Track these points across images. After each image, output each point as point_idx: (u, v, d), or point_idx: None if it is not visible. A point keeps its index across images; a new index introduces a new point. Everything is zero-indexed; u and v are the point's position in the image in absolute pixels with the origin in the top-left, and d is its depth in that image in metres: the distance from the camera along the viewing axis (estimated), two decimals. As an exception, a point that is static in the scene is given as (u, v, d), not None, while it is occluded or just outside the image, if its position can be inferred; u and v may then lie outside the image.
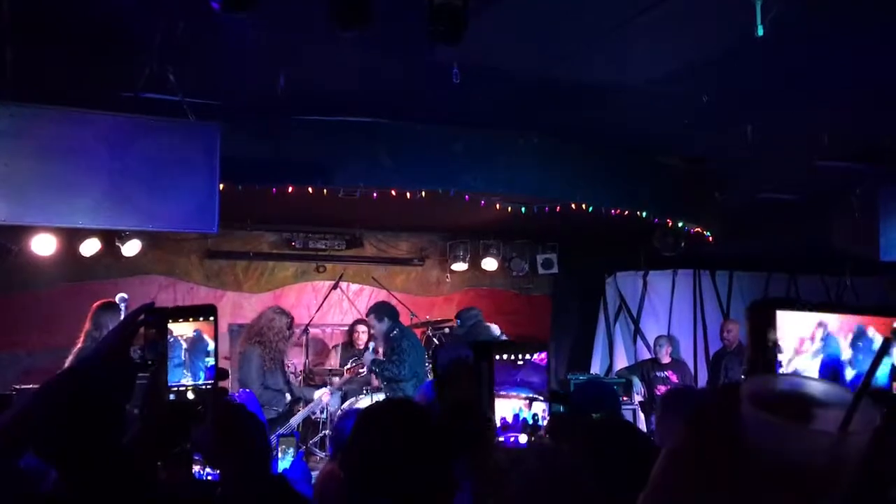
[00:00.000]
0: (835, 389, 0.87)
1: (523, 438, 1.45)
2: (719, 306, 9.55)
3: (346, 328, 8.40)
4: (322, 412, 7.44)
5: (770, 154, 6.79)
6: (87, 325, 5.20)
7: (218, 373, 1.51)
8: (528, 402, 1.44)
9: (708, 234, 8.17)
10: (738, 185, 7.61)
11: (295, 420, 6.62)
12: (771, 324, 1.01)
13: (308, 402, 6.98)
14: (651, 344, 8.84)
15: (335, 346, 8.57)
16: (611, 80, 5.52)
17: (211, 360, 1.54)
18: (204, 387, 1.50)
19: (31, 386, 6.42)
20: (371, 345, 7.30)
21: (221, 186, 5.28)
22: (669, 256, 8.66)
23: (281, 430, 6.07)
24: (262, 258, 8.71)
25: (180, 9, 4.26)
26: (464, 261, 9.34)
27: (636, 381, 8.20)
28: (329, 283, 8.72)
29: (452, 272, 9.44)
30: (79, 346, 5.15)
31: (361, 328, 7.98)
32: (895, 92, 5.45)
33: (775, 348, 1.00)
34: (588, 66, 5.30)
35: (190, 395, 1.52)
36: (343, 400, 7.64)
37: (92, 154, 4.46)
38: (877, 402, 0.90)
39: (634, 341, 9.46)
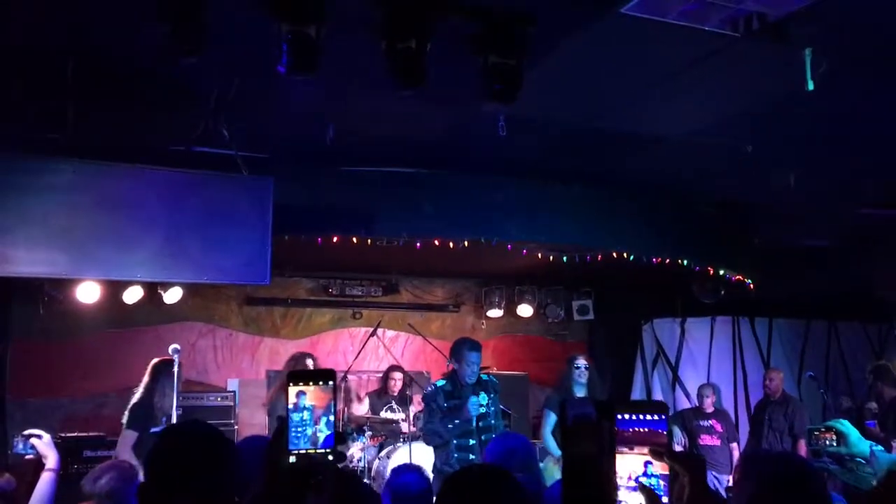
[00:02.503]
0: None
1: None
2: (759, 354, 9.41)
3: (381, 375, 8.38)
4: (359, 461, 7.41)
5: (811, 201, 6.77)
6: (145, 379, 5.27)
7: (337, 438, 1.52)
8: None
9: (749, 281, 8.10)
10: (779, 231, 7.56)
11: None
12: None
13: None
14: (689, 392, 8.72)
15: (367, 394, 8.54)
16: (654, 131, 5.56)
17: (329, 428, 1.55)
18: (323, 453, 1.52)
19: (74, 434, 6.47)
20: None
21: (270, 237, 5.35)
22: (708, 304, 8.60)
23: None
24: (300, 304, 8.77)
25: (236, 65, 4.37)
26: (499, 307, 9.33)
27: (676, 431, 8.07)
28: (365, 330, 8.75)
29: (488, 318, 9.43)
30: (135, 399, 5.22)
31: (398, 375, 7.97)
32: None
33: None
34: (631, 117, 5.34)
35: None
36: (380, 448, 7.60)
37: (149, 209, 4.56)
38: None
39: (673, 389, 9.33)
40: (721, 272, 7.61)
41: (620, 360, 9.57)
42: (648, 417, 1.44)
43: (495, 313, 9.35)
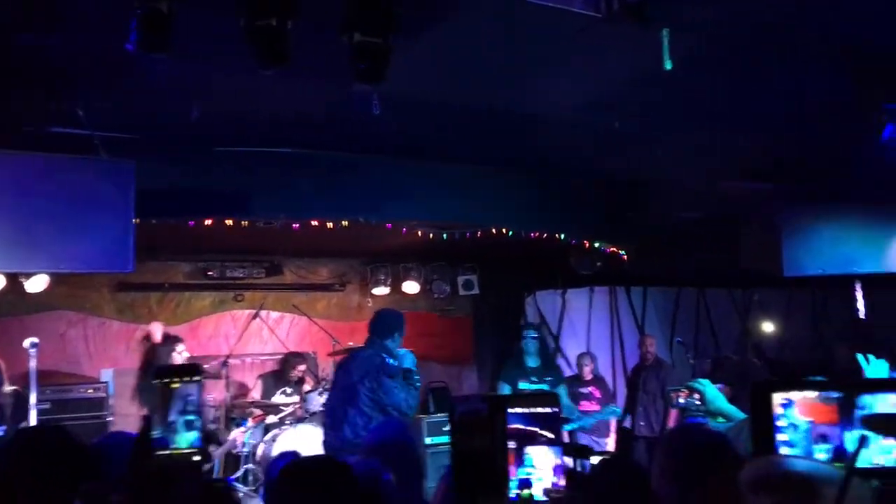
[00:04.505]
0: (827, 469, 0.93)
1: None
2: (635, 322, 9.83)
3: (279, 358, 8.23)
4: (243, 446, 7.28)
5: (680, 176, 7.07)
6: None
7: (205, 438, 1.47)
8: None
9: (623, 253, 8.42)
10: (651, 206, 7.87)
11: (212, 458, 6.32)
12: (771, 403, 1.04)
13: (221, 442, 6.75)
14: (571, 360, 9.01)
15: (261, 376, 8.37)
16: (528, 109, 5.64)
17: (195, 426, 1.50)
18: (189, 453, 1.46)
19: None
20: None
21: (136, 221, 5.12)
22: (587, 275, 8.88)
23: None
24: (178, 289, 8.46)
25: (90, 43, 4.13)
26: (385, 285, 9.32)
27: (564, 398, 8.33)
28: (248, 312, 8.57)
29: (374, 296, 9.39)
30: None
31: (302, 367, 7.95)
32: (794, 117, 5.77)
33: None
34: (506, 96, 5.40)
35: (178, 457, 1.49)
36: (265, 431, 7.49)
37: (-4, 195, 4.25)
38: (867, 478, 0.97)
39: (555, 358, 9.61)
40: (596, 245, 7.87)
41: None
42: (540, 410, 1.47)
43: (381, 291, 9.33)
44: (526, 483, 1.47)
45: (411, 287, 9.41)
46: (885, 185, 6.73)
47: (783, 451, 1.01)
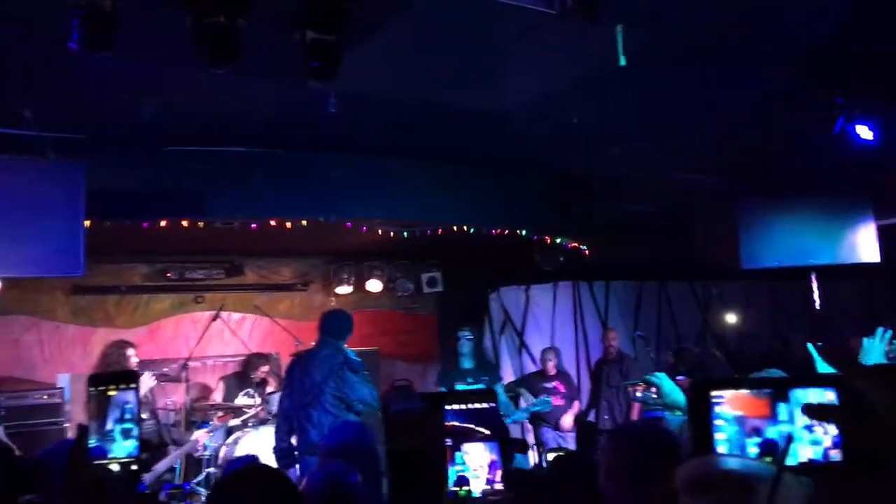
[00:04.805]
0: (762, 466, 0.92)
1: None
2: (598, 316, 9.90)
3: (242, 359, 8.12)
4: (205, 449, 7.16)
5: (638, 169, 7.13)
6: None
7: (142, 446, 1.43)
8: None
9: (584, 247, 8.47)
10: (611, 200, 7.93)
11: (162, 466, 6.17)
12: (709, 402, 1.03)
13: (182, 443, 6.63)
14: (535, 356, 9.04)
15: (223, 378, 8.27)
16: (486, 106, 5.64)
17: (132, 435, 1.46)
18: (127, 462, 1.42)
19: None
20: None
21: (88, 223, 5.02)
22: (550, 270, 8.91)
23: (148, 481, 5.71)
24: (135, 291, 8.31)
25: (35, 41, 4.02)
26: (348, 284, 9.25)
27: (526, 394, 8.36)
28: (209, 314, 8.44)
29: (337, 295, 9.32)
30: None
31: (265, 369, 7.82)
32: (749, 112, 5.85)
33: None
34: (464, 93, 5.38)
35: (115, 467, 1.45)
36: (228, 434, 7.39)
37: (-62, 198, 4.12)
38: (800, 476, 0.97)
39: (520, 354, 9.65)
40: (558, 240, 7.90)
41: (470, 329, 9.75)
42: (478, 406, 1.45)
43: (345, 290, 9.26)
44: (463, 480, 1.45)
45: (375, 286, 9.36)
46: (839, 179, 6.86)
47: (719, 449, 1.00)
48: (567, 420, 8.07)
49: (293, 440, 5.62)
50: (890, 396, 0.83)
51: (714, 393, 1.03)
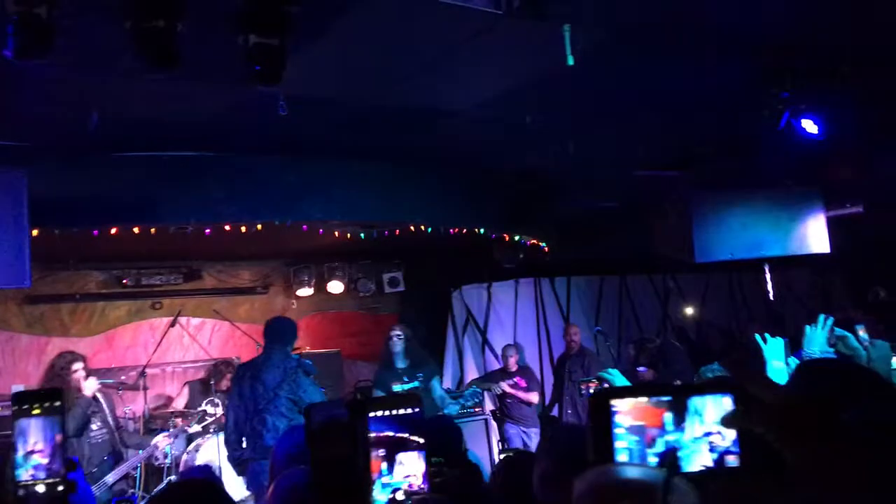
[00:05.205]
0: (659, 474, 0.94)
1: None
2: (560, 311, 9.97)
3: (209, 366, 8.03)
4: (165, 457, 7.07)
5: (594, 166, 7.18)
6: None
7: (67, 465, 1.40)
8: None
9: (543, 244, 8.51)
10: (567, 197, 7.97)
11: (117, 473, 6.07)
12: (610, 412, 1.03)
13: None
14: (499, 354, 9.08)
15: (188, 383, 8.18)
16: (440, 106, 5.64)
17: (56, 455, 1.42)
18: (52, 483, 1.39)
19: None
20: None
21: (35, 232, 4.92)
22: (511, 268, 8.95)
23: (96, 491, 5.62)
24: (91, 299, 8.17)
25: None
26: (309, 285, 9.21)
27: (494, 388, 8.39)
28: (167, 320, 8.35)
29: (298, 298, 9.28)
30: None
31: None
32: (699, 107, 5.92)
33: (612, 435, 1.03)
34: (416, 94, 5.38)
35: (41, 488, 1.41)
36: (189, 441, 7.30)
37: None
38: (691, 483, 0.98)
39: (483, 352, 9.68)
40: (517, 238, 7.93)
41: (432, 329, 9.76)
42: (402, 412, 1.44)
43: (305, 292, 9.22)
44: (397, 490, 1.44)
45: (336, 287, 9.33)
46: (788, 171, 6.98)
47: (620, 458, 1.01)
48: (533, 397, 8.17)
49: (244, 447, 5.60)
50: (778, 399, 0.87)
51: (614, 402, 1.04)
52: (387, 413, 1.44)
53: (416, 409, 1.47)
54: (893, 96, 5.63)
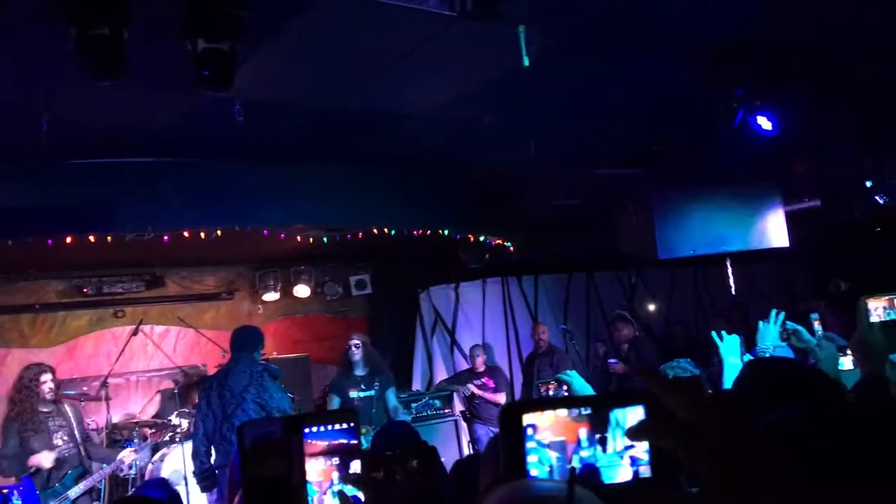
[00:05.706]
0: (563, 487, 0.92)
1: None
2: (528, 310, 10.00)
3: (188, 379, 7.92)
4: (131, 469, 6.97)
5: (557, 166, 7.20)
6: None
7: None
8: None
9: (508, 244, 8.52)
10: (530, 196, 7.99)
11: (81, 488, 5.95)
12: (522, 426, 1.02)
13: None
14: (467, 354, 9.08)
15: (160, 391, 8.08)
16: (398, 108, 5.61)
17: None
18: None
19: None
20: None
21: (-14, 243, 4.83)
22: (477, 268, 8.95)
23: None
24: (51, 309, 8.04)
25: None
26: (275, 290, 9.14)
27: (462, 389, 8.39)
28: (130, 328, 8.22)
29: (264, 302, 9.20)
30: None
31: None
32: (657, 105, 5.96)
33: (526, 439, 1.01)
34: (374, 96, 5.35)
35: None
36: (154, 451, 7.20)
37: None
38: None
39: (452, 353, 9.68)
40: (482, 238, 7.93)
41: (401, 330, 9.74)
42: (338, 427, 1.42)
43: (272, 297, 9.15)
44: (356, 500, 1.43)
45: (302, 291, 9.27)
46: (747, 167, 7.04)
47: (533, 472, 1.00)
48: (501, 398, 8.19)
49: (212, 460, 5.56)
50: (686, 406, 0.86)
51: (532, 419, 1.03)
52: (322, 428, 1.42)
53: (352, 425, 1.46)
54: (845, 91, 5.72)
